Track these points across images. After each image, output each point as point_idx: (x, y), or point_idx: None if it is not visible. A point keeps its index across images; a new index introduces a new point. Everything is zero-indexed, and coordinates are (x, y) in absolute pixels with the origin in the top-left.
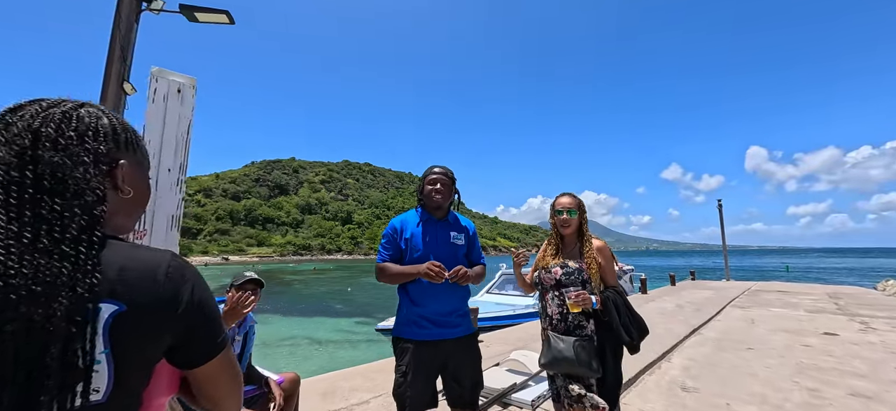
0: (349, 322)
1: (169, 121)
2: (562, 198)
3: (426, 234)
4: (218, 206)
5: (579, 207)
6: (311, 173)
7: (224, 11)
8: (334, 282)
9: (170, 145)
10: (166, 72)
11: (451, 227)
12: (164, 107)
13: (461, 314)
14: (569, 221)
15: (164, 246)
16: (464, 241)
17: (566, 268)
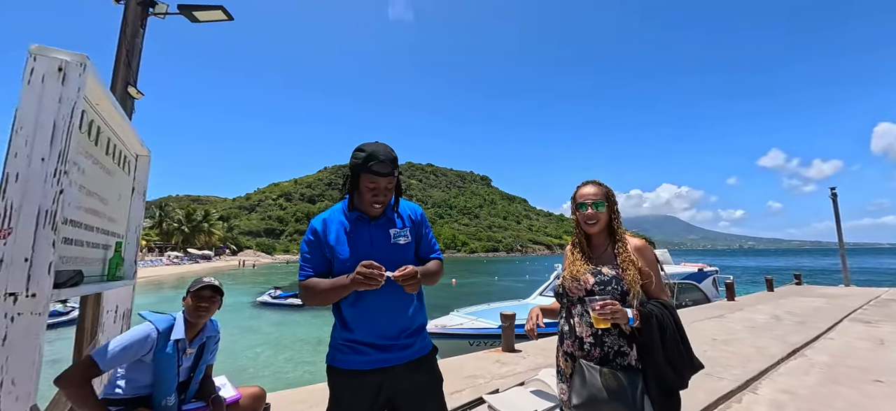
0: None
1: (46, 105)
2: (584, 187)
3: (355, 237)
4: (297, 209)
5: (607, 198)
6: None
7: (219, 7)
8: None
9: (45, 131)
10: (48, 49)
11: (391, 224)
12: (41, 89)
13: (412, 332)
14: (595, 216)
15: (36, 245)
16: (409, 238)
17: (599, 275)
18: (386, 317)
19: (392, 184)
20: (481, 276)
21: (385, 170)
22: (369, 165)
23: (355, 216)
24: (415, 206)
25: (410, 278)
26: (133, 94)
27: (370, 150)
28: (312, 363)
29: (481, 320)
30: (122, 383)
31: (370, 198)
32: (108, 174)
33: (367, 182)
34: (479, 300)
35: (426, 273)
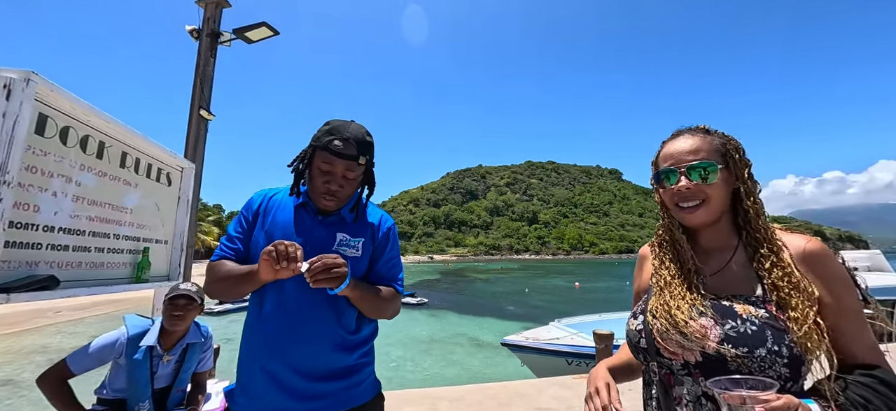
0: (513, 325)
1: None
2: (673, 141)
3: (288, 227)
4: (424, 213)
5: (725, 156)
6: (497, 177)
7: (262, 24)
8: (515, 282)
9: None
10: (4, 71)
11: (341, 225)
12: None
13: (346, 370)
14: (696, 192)
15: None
16: (361, 252)
17: (731, 320)
18: (302, 338)
19: (354, 173)
20: (611, 280)
21: (347, 151)
22: (327, 141)
23: (299, 202)
24: (385, 216)
25: (328, 270)
26: (205, 115)
27: (334, 125)
28: (418, 363)
29: (581, 335)
30: (107, 385)
31: (320, 185)
32: (126, 185)
33: (319, 162)
34: (603, 307)
35: (367, 292)
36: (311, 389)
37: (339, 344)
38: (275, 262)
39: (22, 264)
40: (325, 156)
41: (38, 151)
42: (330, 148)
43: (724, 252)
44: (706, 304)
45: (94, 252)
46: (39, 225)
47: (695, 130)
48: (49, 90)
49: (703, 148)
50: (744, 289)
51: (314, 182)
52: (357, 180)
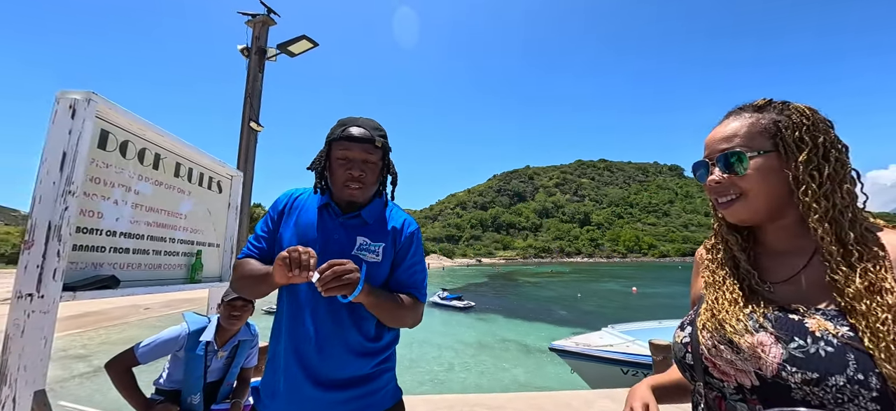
0: (563, 331)
1: (57, 136)
2: (717, 126)
3: (310, 228)
4: (471, 216)
5: (774, 137)
6: (545, 178)
7: (302, 37)
8: (566, 285)
9: (56, 158)
10: (65, 91)
11: (362, 228)
12: (55, 124)
13: (365, 378)
14: (729, 185)
15: (46, 254)
16: (381, 257)
17: (798, 337)
18: (320, 344)
19: (373, 157)
20: (672, 285)
21: (363, 135)
22: (340, 131)
23: (323, 201)
24: (409, 220)
25: (338, 278)
26: (254, 127)
27: (345, 118)
28: (466, 367)
29: (637, 343)
30: (165, 375)
31: (341, 175)
32: (180, 193)
33: (337, 153)
34: (663, 314)
35: (384, 300)
36: (328, 396)
37: (357, 351)
38: (288, 269)
39: (88, 265)
40: (341, 145)
41: (100, 164)
42: (345, 136)
43: (796, 255)
44: (768, 316)
45: (152, 254)
46: (103, 230)
47: (743, 110)
48: (108, 108)
49: (739, 132)
50: (820, 299)
51: (335, 175)
52: (377, 167)
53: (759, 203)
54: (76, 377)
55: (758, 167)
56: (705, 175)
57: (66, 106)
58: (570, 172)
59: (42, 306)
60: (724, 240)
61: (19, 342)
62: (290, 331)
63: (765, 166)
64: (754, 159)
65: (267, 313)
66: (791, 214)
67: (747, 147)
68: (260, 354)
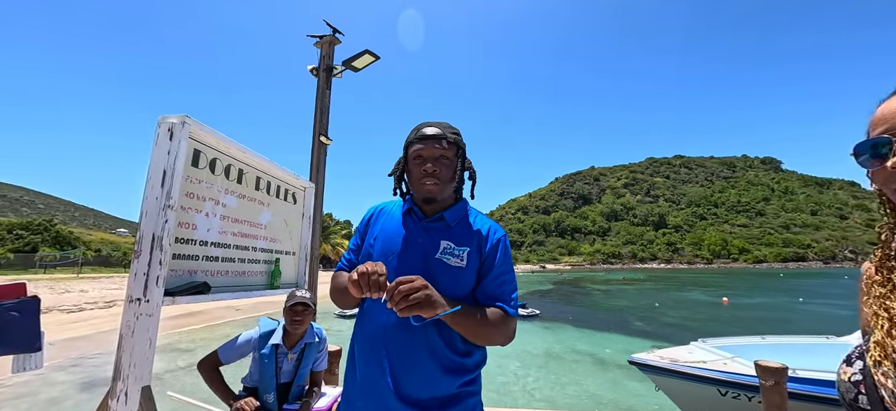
0: (641, 344)
1: (158, 156)
2: (887, 103)
3: (399, 233)
4: (533, 221)
5: None
6: (613, 178)
7: (364, 52)
8: (641, 294)
9: (158, 176)
10: (166, 116)
11: (446, 231)
12: (157, 145)
13: (449, 398)
14: None
15: (150, 263)
16: (466, 262)
17: None
18: (401, 357)
19: (448, 153)
20: (774, 295)
21: (434, 133)
22: (414, 135)
23: (406, 207)
24: (495, 226)
25: (410, 295)
26: (324, 141)
27: (421, 123)
28: (535, 379)
29: (738, 360)
30: (248, 373)
31: (418, 173)
32: (260, 205)
33: (412, 155)
34: (764, 328)
35: (470, 317)
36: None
37: (444, 365)
38: (358, 290)
39: (184, 272)
40: (415, 147)
41: (193, 180)
42: (418, 137)
43: None
44: None
45: (238, 262)
46: (196, 240)
47: None
48: (199, 129)
49: None
50: None
51: (413, 175)
52: (452, 163)
53: None
54: (181, 368)
55: None
56: (881, 157)
57: (166, 129)
58: (641, 171)
59: (147, 309)
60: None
61: (130, 341)
62: (369, 343)
63: None
64: None
65: (339, 317)
66: None
67: None
68: (331, 358)
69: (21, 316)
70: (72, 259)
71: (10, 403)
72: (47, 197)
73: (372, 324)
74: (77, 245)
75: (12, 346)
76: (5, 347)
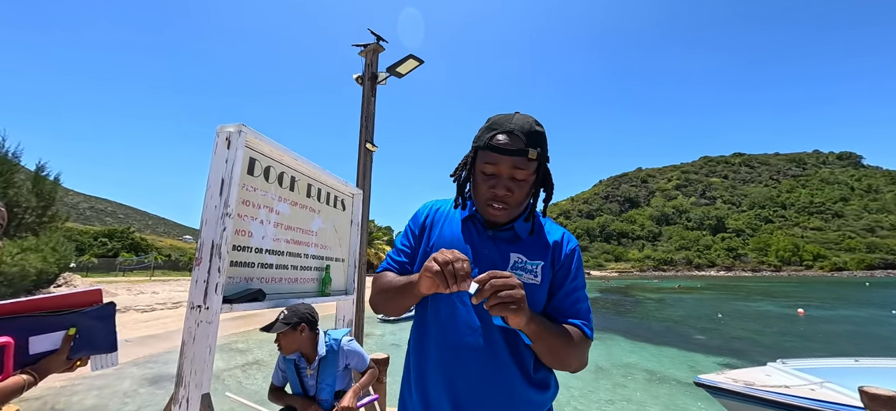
0: (704, 360)
1: (217, 165)
2: None
3: (462, 241)
4: (576, 226)
5: None
6: (662, 180)
7: (409, 56)
8: (700, 304)
9: (216, 184)
10: (224, 126)
11: (516, 243)
12: (216, 154)
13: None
14: None
15: (210, 270)
16: (540, 277)
17: None
18: (466, 372)
19: (524, 172)
20: (858, 308)
21: (512, 145)
22: (488, 138)
23: (466, 214)
24: (568, 235)
25: (501, 290)
26: (370, 147)
27: (495, 119)
28: (584, 396)
29: (830, 387)
30: (274, 372)
31: (485, 191)
32: (311, 212)
33: (482, 164)
34: (852, 348)
35: (550, 330)
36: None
37: (510, 385)
38: (442, 282)
39: (241, 280)
40: (487, 156)
41: (249, 188)
42: (492, 145)
43: None
44: None
45: (291, 269)
46: (252, 247)
47: None
48: (255, 138)
49: None
50: None
51: (479, 189)
52: (529, 181)
53: None
54: (238, 367)
55: None
56: None
57: (224, 138)
58: (694, 172)
59: (207, 317)
60: None
61: (191, 348)
62: (429, 354)
63: None
64: None
65: (382, 322)
66: None
67: None
68: (379, 365)
69: (101, 322)
70: (145, 263)
71: (89, 393)
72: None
73: (436, 333)
74: (150, 250)
75: (93, 348)
76: (88, 349)
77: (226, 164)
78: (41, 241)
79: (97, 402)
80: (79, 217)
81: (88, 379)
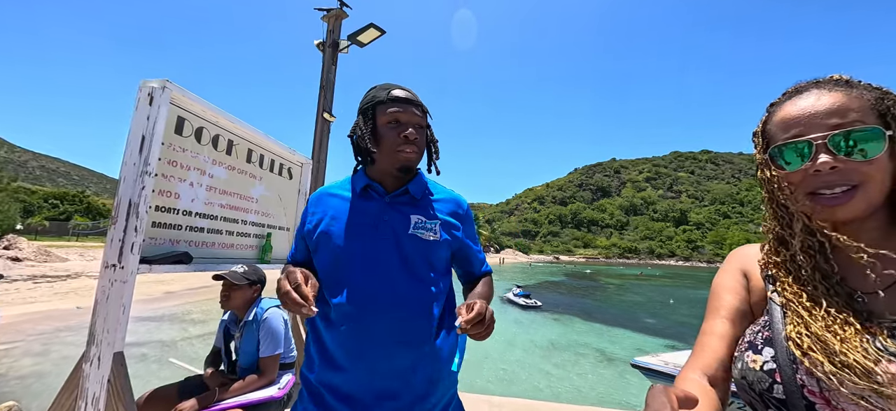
0: (651, 342)
1: (138, 121)
2: (797, 99)
3: (361, 213)
4: (549, 212)
5: (884, 116)
6: (634, 172)
7: (369, 26)
8: (656, 290)
9: (136, 141)
10: (147, 81)
11: (413, 205)
12: (137, 110)
13: (430, 382)
14: (849, 172)
15: (126, 229)
16: (438, 234)
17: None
18: (384, 345)
19: (424, 125)
20: None
21: (413, 98)
22: (387, 94)
23: (362, 185)
24: (458, 195)
25: (479, 323)
26: (327, 117)
27: (382, 84)
28: (534, 368)
29: None
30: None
31: (396, 139)
32: (252, 177)
33: (387, 118)
34: None
35: (488, 315)
36: (406, 392)
37: (420, 348)
38: (292, 305)
39: (166, 241)
40: (391, 110)
41: (177, 148)
42: (395, 96)
43: (886, 261)
44: (891, 338)
45: (225, 234)
46: (179, 209)
47: (829, 83)
48: (182, 95)
49: (851, 106)
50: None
51: (385, 140)
52: (425, 134)
53: (878, 193)
54: (194, 337)
55: (886, 150)
56: (800, 160)
57: (146, 93)
58: (665, 165)
59: (122, 276)
60: (815, 245)
61: (104, 307)
62: (347, 332)
63: (887, 151)
64: (884, 139)
65: None
66: (882, 211)
67: (864, 125)
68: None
69: None
70: (102, 228)
71: (36, 355)
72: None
73: (357, 307)
74: (108, 215)
75: None
76: None
77: (147, 121)
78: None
79: (36, 368)
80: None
81: (26, 340)
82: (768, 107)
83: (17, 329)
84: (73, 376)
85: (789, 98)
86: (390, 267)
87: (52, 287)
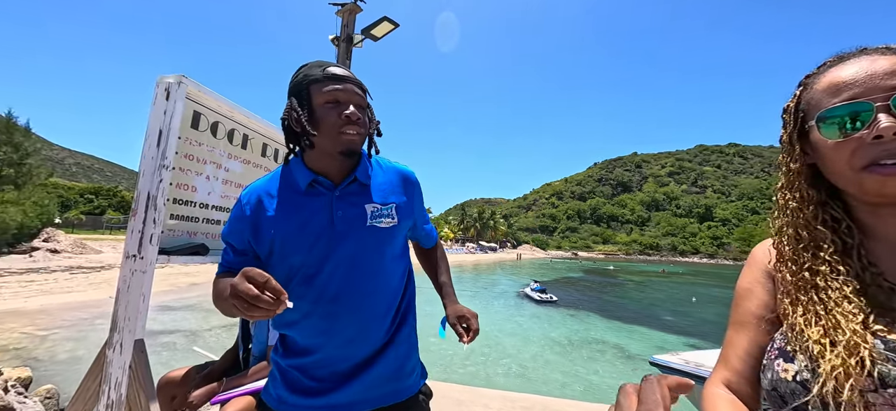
0: (672, 340)
1: (155, 116)
2: (852, 62)
3: (313, 211)
4: (568, 207)
5: None
6: (656, 166)
7: (383, 19)
8: (679, 287)
9: (154, 135)
10: (164, 76)
11: (365, 193)
12: (154, 105)
13: (400, 356)
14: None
15: (145, 221)
16: (395, 219)
17: None
18: (350, 322)
19: (364, 103)
20: None
21: (351, 75)
22: (321, 72)
23: (307, 180)
24: (407, 170)
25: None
26: None
27: (314, 62)
28: (554, 367)
29: None
30: None
31: (337, 119)
32: (267, 171)
33: (324, 97)
34: None
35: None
36: (373, 374)
37: (386, 322)
38: (238, 307)
39: (183, 233)
40: (328, 85)
41: (194, 142)
42: (329, 75)
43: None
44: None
45: None
46: (196, 202)
47: (881, 48)
48: (197, 90)
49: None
50: None
51: (325, 122)
52: (367, 113)
53: None
54: (216, 327)
55: None
56: (858, 124)
57: (163, 89)
58: (689, 159)
59: (142, 266)
60: (846, 229)
61: (126, 296)
62: (311, 321)
63: None
64: None
65: None
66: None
67: None
68: None
69: None
70: None
71: (73, 340)
72: (115, 165)
73: (313, 292)
74: None
75: None
76: None
77: (164, 115)
78: (22, 195)
79: (73, 354)
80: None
81: (69, 326)
82: (804, 80)
83: (57, 316)
84: (97, 362)
85: (835, 64)
86: (353, 266)
87: (87, 277)
